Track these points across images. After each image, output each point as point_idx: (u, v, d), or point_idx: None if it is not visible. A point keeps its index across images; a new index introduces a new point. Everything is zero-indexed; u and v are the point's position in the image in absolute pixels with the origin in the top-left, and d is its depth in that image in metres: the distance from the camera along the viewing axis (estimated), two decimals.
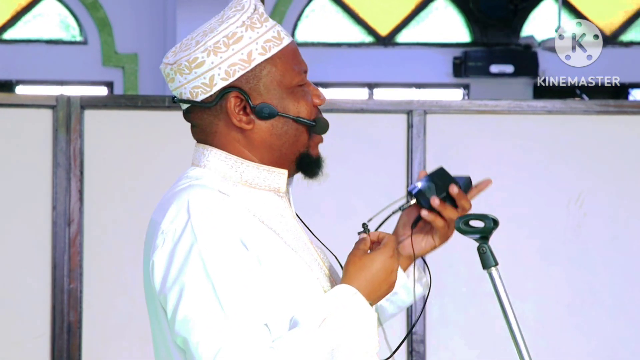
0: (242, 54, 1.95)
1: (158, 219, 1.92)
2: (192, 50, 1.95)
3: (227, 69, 1.94)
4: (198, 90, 1.96)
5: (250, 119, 1.96)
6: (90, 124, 4.06)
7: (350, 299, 1.89)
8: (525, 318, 4.05)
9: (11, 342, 4.01)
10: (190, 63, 1.95)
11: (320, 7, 11.82)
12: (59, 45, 11.42)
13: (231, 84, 1.95)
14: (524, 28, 11.73)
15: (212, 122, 1.98)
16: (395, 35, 11.83)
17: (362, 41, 11.82)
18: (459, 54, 11.63)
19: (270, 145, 1.99)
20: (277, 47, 1.97)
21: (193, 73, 1.95)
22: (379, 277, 1.94)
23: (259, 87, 1.96)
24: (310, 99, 2.02)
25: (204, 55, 1.94)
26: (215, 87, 1.95)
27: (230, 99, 1.96)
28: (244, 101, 1.96)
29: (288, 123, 1.98)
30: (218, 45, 1.94)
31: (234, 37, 1.94)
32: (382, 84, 11.74)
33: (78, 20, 11.42)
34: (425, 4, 11.86)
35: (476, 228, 2.19)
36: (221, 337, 1.79)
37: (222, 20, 1.97)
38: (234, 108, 1.96)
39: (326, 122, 2.03)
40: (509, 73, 11.36)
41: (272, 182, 2.00)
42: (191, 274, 1.83)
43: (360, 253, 1.97)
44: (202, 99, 1.97)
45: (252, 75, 1.96)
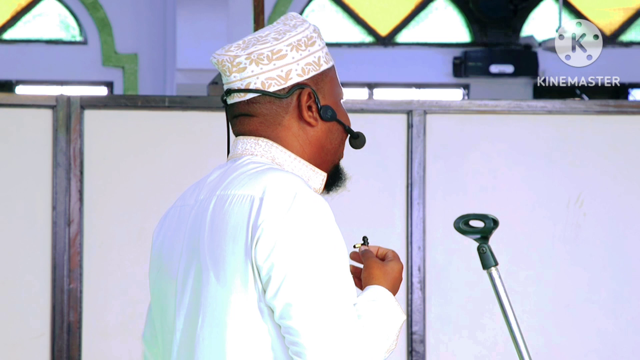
0: (315, 57, 2.09)
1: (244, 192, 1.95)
2: (274, 43, 2.05)
3: (304, 66, 2.07)
4: (272, 81, 2.06)
5: (316, 116, 2.08)
6: (90, 124, 4.06)
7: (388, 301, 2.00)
8: (525, 318, 4.06)
9: (11, 342, 4.01)
10: (273, 54, 2.05)
11: (320, 7, 11.82)
12: (59, 45, 11.41)
13: (304, 81, 2.07)
14: (524, 28, 11.73)
15: (279, 113, 2.07)
16: (395, 35, 11.83)
17: (362, 41, 11.82)
18: (459, 54, 11.63)
19: (322, 146, 2.11)
20: (331, 62, 2.13)
21: (272, 64, 2.05)
22: (395, 283, 2.05)
23: (324, 90, 2.09)
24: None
25: (287, 49, 2.06)
26: (290, 81, 2.06)
27: (304, 95, 2.06)
28: (312, 99, 2.07)
29: (339, 130, 2.12)
30: (300, 44, 2.07)
31: (311, 40, 2.08)
32: (382, 84, 11.74)
33: (78, 20, 11.42)
34: (425, 4, 11.86)
35: (476, 228, 2.19)
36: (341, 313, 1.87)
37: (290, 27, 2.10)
38: (305, 103, 2.06)
39: (365, 139, 2.18)
40: (509, 73, 11.35)
41: (313, 182, 2.11)
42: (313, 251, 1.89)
43: (379, 261, 2.07)
44: (274, 90, 2.06)
45: (320, 78, 2.09)
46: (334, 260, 1.90)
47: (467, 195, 4.18)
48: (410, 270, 4.14)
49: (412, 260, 4.13)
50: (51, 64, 11.29)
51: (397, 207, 4.15)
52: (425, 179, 4.15)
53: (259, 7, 4.27)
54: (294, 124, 2.07)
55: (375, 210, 4.16)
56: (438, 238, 4.15)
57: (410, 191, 4.15)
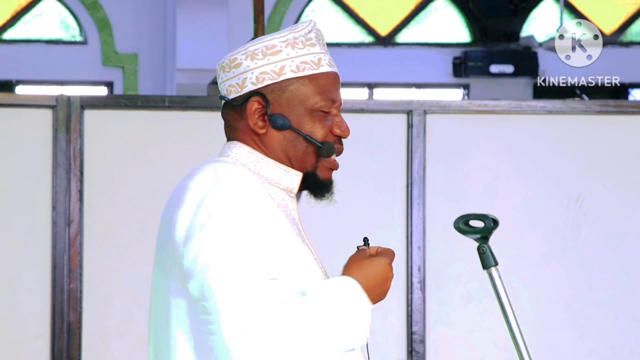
0: (276, 66, 2.12)
1: (184, 183, 2.06)
2: (236, 51, 2.15)
3: (259, 75, 2.12)
4: (232, 89, 2.15)
5: (265, 125, 2.13)
6: (90, 124, 4.06)
7: (352, 289, 1.99)
8: (525, 318, 4.06)
9: (11, 342, 4.01)
10: (231, 62, 2.15)
11: (320, 7, 11.82)
12: (59, 45, 11.41)
13: (258, 89, 2.12)
14: (524, 28, 11.72)
15: (235, 119, 2.15)
16: (395, 35, 11.83)
17: (362, 41, 11.82)
18: (459, 54, 11.63)
19: (284, 152, 2.14)
20: (312, 70, 2.14)
21: (231, 72, 2.15)
22: (375, 280, 2.02)
23: (281, 98, 2.12)
24: (331, 125, 2.16)
25: (242, 57, 2.13)
26: (245, 89, 2.14)
27: (252, 103, 2.12)
28: (264, 107, 2.12)
29: (298, 139, 2.13)
30: (256, 52, 2.13)
31: (273, 49, 2.13)
32: (382, 84, 11.74)
33: (78, 20, 11.42)
34: (425, 4, 11.86)
35: (476, 228, 2.19)
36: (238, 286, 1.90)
37: (274, 35, 2.15)
38: (253, 111, 2.12)
39: (332, 147, 2.15)
40: (509, 73, 11.35)
41: (286, 182, 2.14)
42: (215, 226, 1.95)
43: (361, 256, 2.07)
44: (232, 98, 2.15)
45: (278, 86, 2.12)
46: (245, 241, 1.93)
47: (467, 195, 4.18)
48: (410, 270, 4.14)
49: (412, 260, 4.13)
50: (51, 64, 11.29)
51: (397, 207, 4.15)
52: (425, 179, 4.15)
53: (259, 7, 4.27)
54: (249, 130, 2.14)
55: (375, 210, 4.16)
56: (438, 238, 4.15)
57: (410, 191, 4.15)
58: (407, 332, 4.13)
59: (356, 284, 1.99)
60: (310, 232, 2.20)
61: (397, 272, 4.16)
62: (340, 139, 2.18)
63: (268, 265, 1.94)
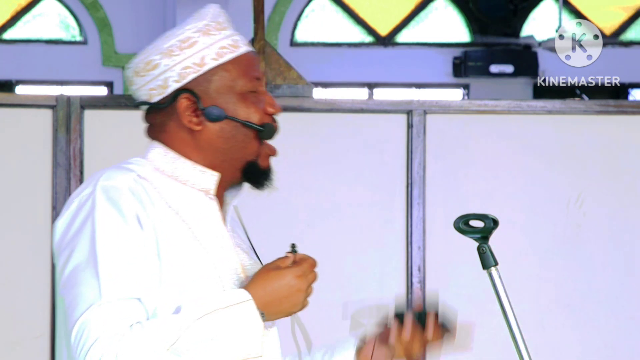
0: (196, 57, 2.03)
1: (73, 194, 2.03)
2: (148, 53, 2.05)
3: (180, 71, 2.03)
4: (154, 92, 2.06)
5: (200, 120, 2.04)
6: (90, 124, 4.06)
7: (241, 304, 1.91)
8: (525, 318, 4.05)
9: (11, 342, 4.01)
10: (146, 65, 2.05)
11: (320, 7, 11.82)
12: (59, 45, 11.42)
13: (184, 86, 2.04)
14: (524, 28, 11.73)
15: (164, 122, 2.07)
16: (395, 35, 11.83)
17: (362, 41, 11.82)
18: (459, 54, 11.63)
19: (217, 148, 2.05)
20: (232, 54, 2.06)
21: (149, 75, 2.05)
22: (280, 293, 1.95)
23: (209, 90, 2.04)
24: (263, 106, 2.08)
25: (157, 58, 2.04)
26: (168, 89, 2.04)
27: (181, 101, 2.04)
28: (194, 103, 2.04)
29: (237, 127, 2.05)
30: (172, 49, 2.03)
31: (189, 42, 2.04)
32: (382, 84, 11.74)
33: (78, 20, 11.42)
34: (425, 4, 11.87)
35: (476, 228, 2.19)
36: (89, 302, 1.86)
37: (182, 27, 2.07)
38: (184, 109, 2.04)
39: (273, 127, 2.09)
40: (508, 73, 11.36)
41: (202, 182, 2.06)
42: (81, 240, 1.92)
43: (272, 267, 1.98)
44: (156, 101, 2.06)
45: (204, 78, 2.04)
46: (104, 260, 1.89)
47: (467, 195, 4.18)
48: (410, 270, 4.13)
49: (412, 260, 4.13)
50: (51, 64, 11.30)
51: (397, 207, 4.15)
52: (425, 179, 4.15)
53: (259, 7, 4.27)
54: (180, 130, 2.05)
55: (375, 210, 4.16)
56: (438, 238, 4.15)
57: (410, 191, 4.15)
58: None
59: (248, 298, 1.91)
60: (310, 232, 2.20)
61: (397, 272, 4.16)
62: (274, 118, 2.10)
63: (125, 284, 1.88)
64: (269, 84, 4.19)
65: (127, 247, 1.91)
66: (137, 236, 1.93)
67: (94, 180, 2.00)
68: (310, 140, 4.12)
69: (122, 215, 1.93)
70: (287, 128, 4.16)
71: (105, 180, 2.00)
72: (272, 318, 1.97)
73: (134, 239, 1.92)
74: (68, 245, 1.94)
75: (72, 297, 1.89)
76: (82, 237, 1.92)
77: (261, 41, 4.20)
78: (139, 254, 1.92)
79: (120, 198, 1.95)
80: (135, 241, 1.92)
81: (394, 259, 4.13)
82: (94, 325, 1.84)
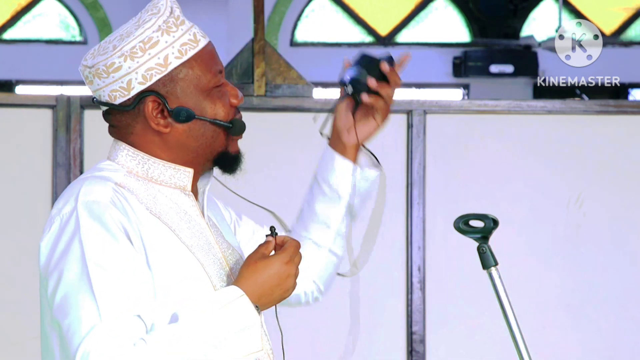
0: (159, 58, 1.99)
1: (52, 210, 1.98)
2: (109, 54, 2.00)
3: (144, 73, 1.99)
4: (116, 93, 2.01)
5: (168, 122, 2.01)
6: (90, 123, 4.06)
7: (236, 301, 1.91)
8: (525, 318, 4.05)
9: (11, 342, 4.01)
10: (108, 67, 2.00)
11: (320, 7, 11.82)
12: (59, 45, 11.42)
13: (148, 87, 2.00)
14: (524, 28, 11.73)
15: (129, 124, 2.04)
16: (395, 35, 11.83)
17: (362, 41, 11.82)
18: (459, 54, 11.63)
19: (187, 146, 2.03)
20: (193, 49, 2.02)
21: (111, 77, 2.00)
22: (270, 282, 1.95)
23: (175, 90, 2.00)
24: (228, 99, 2.06)
25: (120, 60, 1.99)
26: (133, 91, 2.00)
27: (147, 103, 2.00)
28: (161, 105, 2.00)
29: (205, 125, 2.02)
30: (135, 50, 1.98)
31: (150, 42, 1.99)
32: None
33: (78, 20, 11.42)
34: (425, 4, 11.86)
35: (476, 228, 2.19)
36: (89, 325, 1.82)
37: (139, 24, 2.02)
38: (151, 112, 2.00)
39: (242, 123, 2.07)
40: (508, 73, 11.35)
41: (177, 180, 2.04)
42: (70, 261, 1.88)
43: (257, 256, 1.98)
44: (120, 102, 2.02)
45: (169, 78, 2.00)
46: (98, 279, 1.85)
47: (467, 195, 4.18)
48: (410, 270, 4.13)
49: (412, 260, 4.13)
50: (51, 64, 11.29)
51: (397, 207, 4.15)
52: (425, 179, 4.15)
53: (259, 7, 4.27)
54: (147, 132, 2.03)
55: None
56: (438, 238, 4.15)
57: (410, 191, 4.14)
58: (407, 332, 4.13)
59: (241, 294, 1.91)
60: None
61: (397, 272, 4.16)
62: (238, 109, 2.08)
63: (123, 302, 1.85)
64: (269, 84, 4.19)
65: (119, 263, 1.87)
66: (127, 251, 1.89)
67: (73, 196, 1.95)
68: (310, 140, 4.11)
69: (109, 232, 1.89)
70: (287, 128, 4.17)
71: (85, 195, 1.93)
72: (265, 307, 1.97)
73: (125, 254, 1.89)
74: (56, 267, 1.89)
75: (70, 321, 1.85)
76: (71, 257, 1.88)
77: (261, 41, 4.20)
78: (132, 269, 1.88)
79: (104, 213, 1.91)
80: (126, 256, 1.89)
81: (394, 259, 4.13)
82: (98, 349, 1.80)
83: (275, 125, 4.10)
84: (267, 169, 4.10)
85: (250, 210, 2.35)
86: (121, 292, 1.86)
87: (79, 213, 1.91)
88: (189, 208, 2.05)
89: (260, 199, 2.22)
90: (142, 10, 2.06)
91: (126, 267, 1.88)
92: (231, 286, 1.94)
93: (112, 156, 2.07)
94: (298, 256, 2.00)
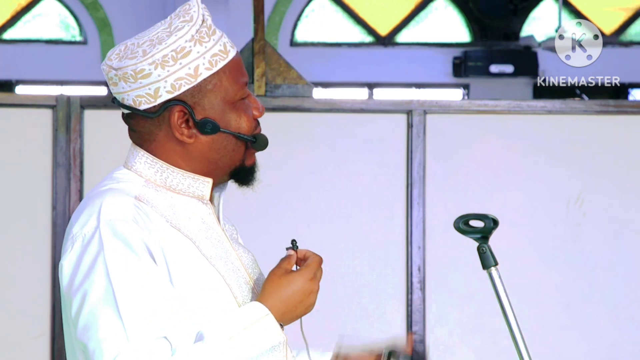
0: (189, 68, 1.96)
1: (72, 222, 1.95)
2: (139, 60, 1.96)
3: (174, 82, 1.96)
4: (142, 99, 1.98)
5: (192, 132, 1.99)
6: (90, 123, 4.06)
7: (261, 320, 1.91)
8: (525, 318, 4.05)
9: (11, 342, 4.01)
10: (137, 73, 1.96)
11: (320, 7, 11.82)
12: (59, 45, 11.42)
13: (176, 97, 1.97)
14: (524, 28, 11.73)
15: (152, 131, 2.01)
16: (395, 35, 11.83)
17: (362, 41, 11.83)
18: (459, 54, 11.63)
19: (208, 158, 2.02)
20: (223, 61, 1.99)
21: (138, 83, 1.97)
22: (294, 299, 1.95)
23: (203, 102, 1.98)
24: (251, 112, 2.04)
25: (151, 67, 1.95)
26: (159, 99, 1.97)
27: (173, 113, 1.98)
28: (187, 115, 1.98)
29: (228, 138, 2.01)
30: (166, 59, 1.95)
31: (183, 52, 1.96)
32: (382, 84, 11.74)
33: (78, 20, 11.42)
34: (425, 4, 11.87)
35: (476, 228, 2.19)
36: (117, 348, 1.80)
37: (171, 31, 1.98)
38: (177, 122, 1.98)
39: (265, 139, 2.06)
40: (508, 73, 11.36)
41: (196, 190, 2.03)
42: (94, 282, 1.85)
43: (281, 272, 1.97)
44: (144, 109, 1.99)
45: (198, 89, 1.98)
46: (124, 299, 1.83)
47: (467, 195, 4.18)
48: (410, 270, 4.14)
49: (412, 260, 4.13)
50: (51, 64, 11.30)
51: (397, 207, 4.15)
52: (425, 179, 4.15)
53: (259, 7, 4.27)
54: (170, 140, 2.00)
55: (375, 210, 4.16)
56: (438, 238, 4.15)
57: (410, 191, 4.15)
58: (407, 332, 4.13)
59: (266, 312, 1.91)
60: (310, 232, 2.19)
61: (397, 272, 4.16)
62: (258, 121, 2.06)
63: (150, 324, 1.83)
64: (269, 84, 4.19)
65: (144, 283, 1.85)
66: (152, 270, 1.87)
67: (95, 214, 1.91)
68: (310, 140, 4.12)
69: (133, 251, 1.87)
70: (287, 128, 4.17)
71: (107, 213, 1.90)
72: (288, 323, 1.97)
73: (150, 273, 1.87)
74: (80, 287, 1.86)
75: (96, 343, 1.82)
76: (95, 277, 1.85)
77: (261, 41, 4.20)
78: (157, 288, 1.86)
79: (127, 231, 1.88)
80: (151, 276, 1.87)
81: (394, 259, 4.13)
82: None
83: (275, 125, 4.09)
84: (267, 169, 4.10)
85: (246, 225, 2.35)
86: (147, 313, 1.83)
87: (102, 232, 1.88)
88: (206, 216, 2.03)
89: (260, 198, 2.21)
90: (173, 15, 2.03)
91: (151, 287, 1.86)
92: (256, 303, 1.93)
93: (129, 163, 2.04)
94: (320, 272, 2.00)
